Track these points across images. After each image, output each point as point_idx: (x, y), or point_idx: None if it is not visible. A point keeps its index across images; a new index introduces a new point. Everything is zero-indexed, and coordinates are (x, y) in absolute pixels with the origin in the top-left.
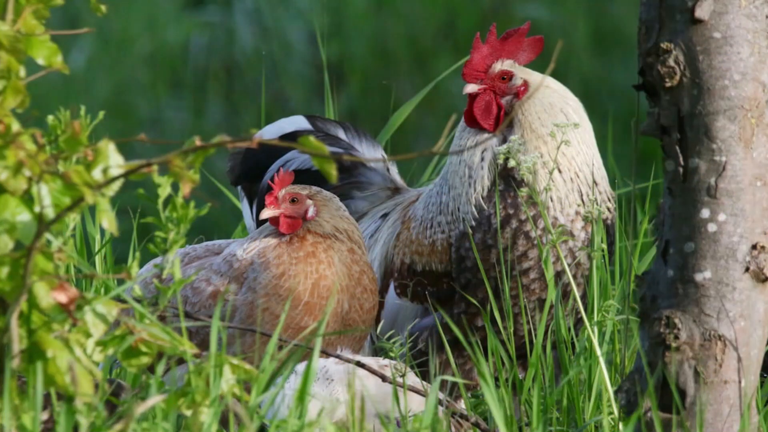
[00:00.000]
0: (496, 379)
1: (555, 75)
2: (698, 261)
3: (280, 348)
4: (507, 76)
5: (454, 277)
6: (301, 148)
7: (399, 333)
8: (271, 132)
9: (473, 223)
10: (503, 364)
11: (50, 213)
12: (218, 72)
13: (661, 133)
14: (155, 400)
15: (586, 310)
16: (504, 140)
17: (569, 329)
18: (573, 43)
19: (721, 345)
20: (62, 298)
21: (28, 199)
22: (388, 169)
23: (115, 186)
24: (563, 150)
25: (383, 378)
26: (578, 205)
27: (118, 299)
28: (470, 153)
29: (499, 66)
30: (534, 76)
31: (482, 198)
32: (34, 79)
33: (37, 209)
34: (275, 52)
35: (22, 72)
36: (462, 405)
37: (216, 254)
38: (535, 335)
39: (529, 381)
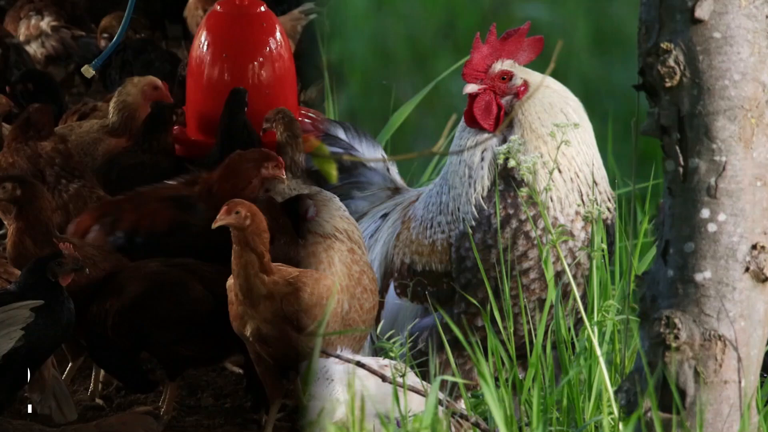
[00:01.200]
0: (496, 379)
1: (555, 75)
2: (698, 261)
3: None
4: (507, 76)
5: (454, 277)
6: None
7: (399, 333)
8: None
9: (473, 223)
10: (503, 364)
11: None
12: None
13: (661, 133)
14: None
15: (586, 310)
16: (504, 140)
17: (569, 329)
18: (573, 43)
19: (721, 345)
20: None
21: None
22: (388, 169)
23: None
24: (563, 150)
25: (383, 378)
26: (578, 205)
27: None
28: (470, 153)
29: (499, 66)
30: (534, 76)
31: (482, 198)
32: None
33: None
34: None
35: None
36: (462, 405)
37: None
38: (535, 335)
39: (529, 381)
